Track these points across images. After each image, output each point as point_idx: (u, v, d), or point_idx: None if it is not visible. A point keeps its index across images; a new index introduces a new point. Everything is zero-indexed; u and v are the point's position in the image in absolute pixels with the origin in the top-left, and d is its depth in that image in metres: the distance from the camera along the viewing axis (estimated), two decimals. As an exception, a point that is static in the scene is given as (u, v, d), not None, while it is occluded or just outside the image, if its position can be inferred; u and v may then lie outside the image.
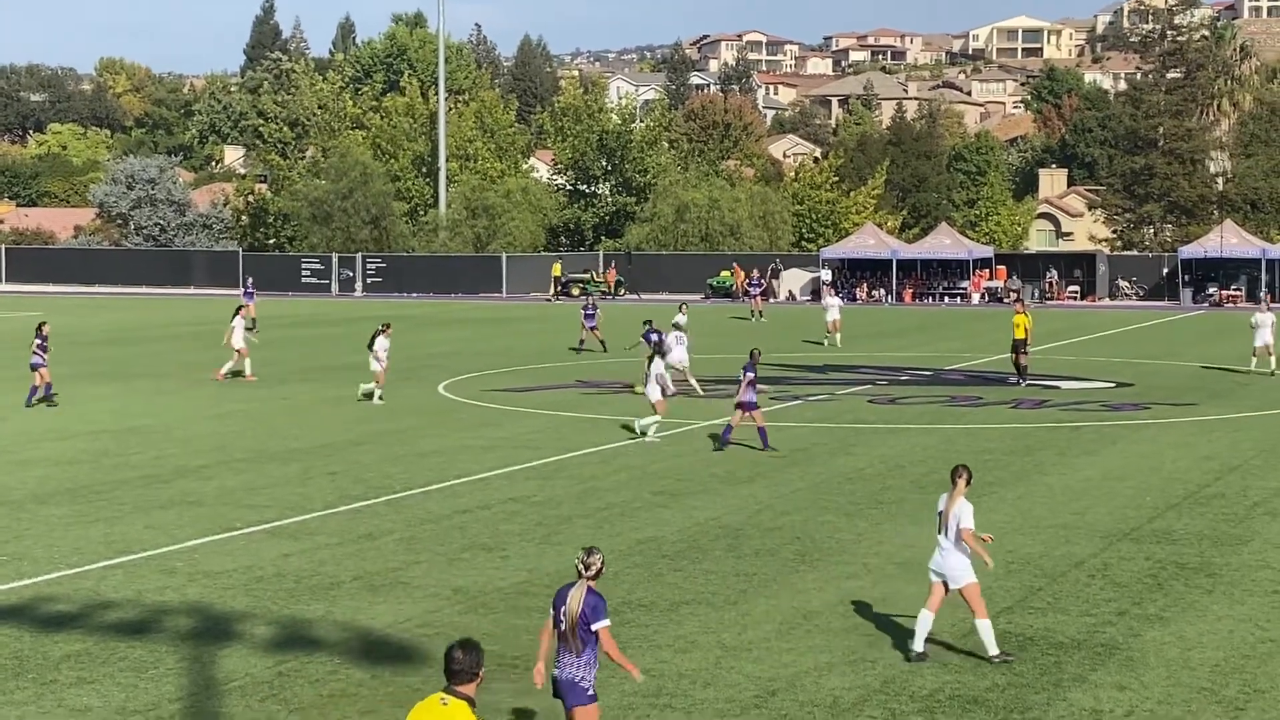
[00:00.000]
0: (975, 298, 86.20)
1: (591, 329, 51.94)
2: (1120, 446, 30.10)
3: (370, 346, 37.30)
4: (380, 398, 36.94)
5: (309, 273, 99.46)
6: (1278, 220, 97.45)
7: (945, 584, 15.35)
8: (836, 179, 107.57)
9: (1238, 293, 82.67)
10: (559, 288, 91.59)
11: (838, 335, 54.96)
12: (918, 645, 15.34)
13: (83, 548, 20.73)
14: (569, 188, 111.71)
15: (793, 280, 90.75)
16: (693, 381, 39.67)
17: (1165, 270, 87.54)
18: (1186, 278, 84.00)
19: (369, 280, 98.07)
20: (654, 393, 31.27)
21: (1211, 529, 21.89)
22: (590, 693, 11.43)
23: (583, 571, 11.47)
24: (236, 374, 42.06)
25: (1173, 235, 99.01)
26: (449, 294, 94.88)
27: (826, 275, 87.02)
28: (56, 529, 22.05)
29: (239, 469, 27.24)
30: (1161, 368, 46.10)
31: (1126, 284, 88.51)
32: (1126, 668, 15.11)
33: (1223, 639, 16.16)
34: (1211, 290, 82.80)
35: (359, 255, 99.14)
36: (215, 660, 15.34)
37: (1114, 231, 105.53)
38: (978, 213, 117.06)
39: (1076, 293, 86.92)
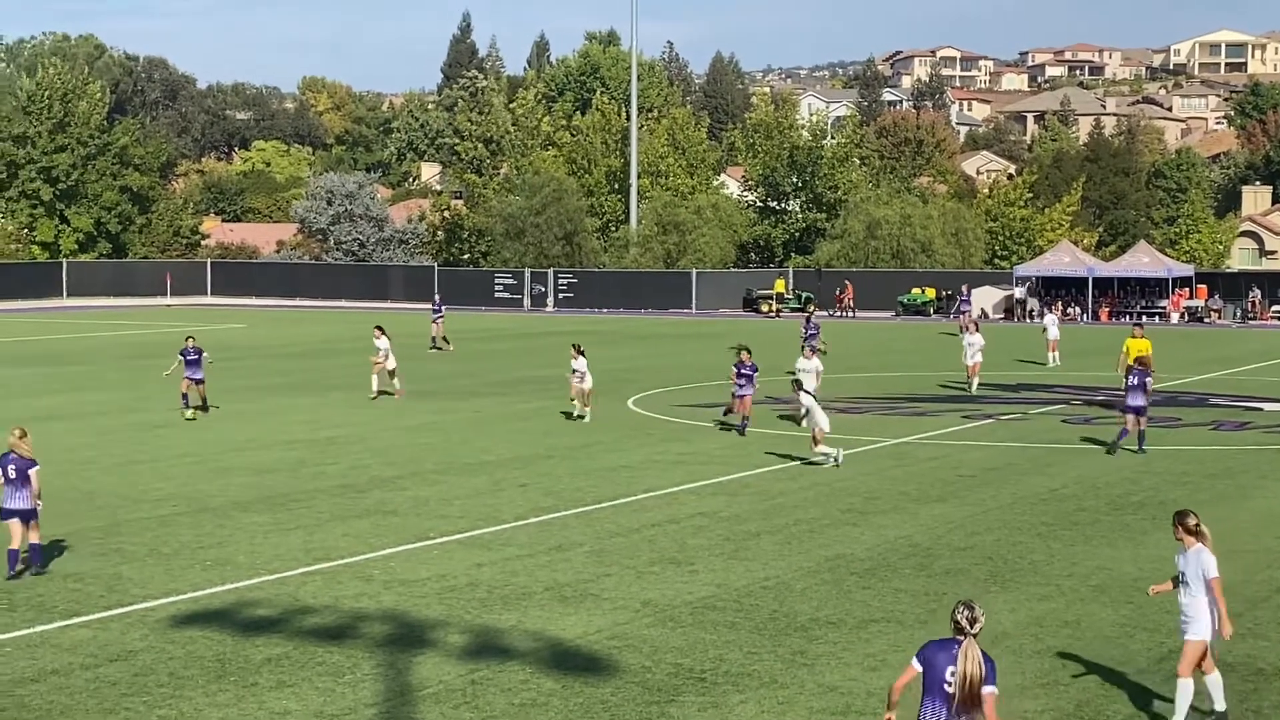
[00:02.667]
0: (1174, 317, 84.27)
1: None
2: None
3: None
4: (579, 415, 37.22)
5: (502, 287, 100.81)
6: None
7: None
8: (1031, 195, 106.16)
9: None
10: (774, 303, 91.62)
11: (1056, 354, 54.23)
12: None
13: (282, 554, 21.25)
14: (759, 204, 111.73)
15: (985, 298, 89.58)
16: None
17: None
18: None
19: (560, 295, 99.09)
20: (822, 420, 30.12)
21: None
22: None
23: (968, 628, 10.38)
24: (384, 391, 42.12)
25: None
26: (639, 309, 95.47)
27: (1020, 293, 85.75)
28: (257, 536, 22.63)
29: (431, 480, 27.70)
30: (1371, 390, 44.59)
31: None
32: (1332, 698, 14.67)
33: None
34: None
35: (550, 270, 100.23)
36: (410, 666, 15.61)
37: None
38: (1177, 230, 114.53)
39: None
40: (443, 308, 64.38)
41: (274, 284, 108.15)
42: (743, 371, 34.83)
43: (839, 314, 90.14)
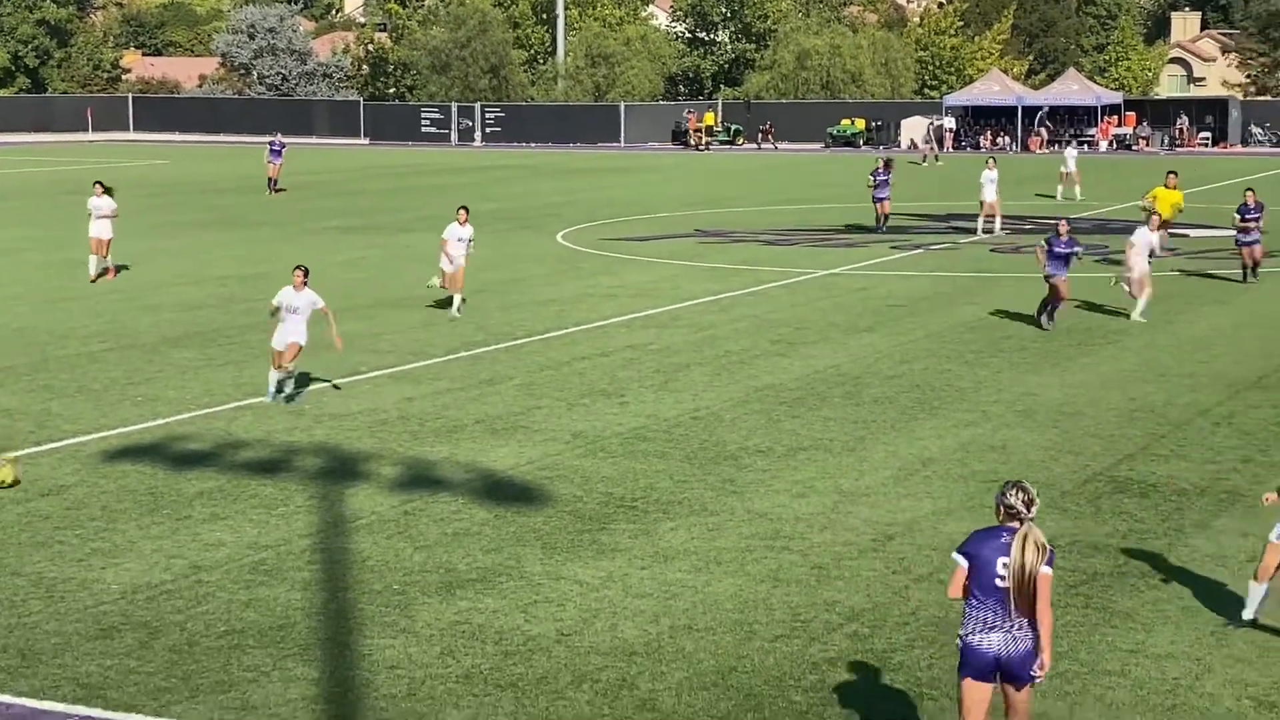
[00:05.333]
0: (1103, 145, 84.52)
1: None
2: (1249, 295, 29.59)
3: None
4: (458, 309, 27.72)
5: (429, 122, 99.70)
6: None
7: None
8: (961, 24, 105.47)
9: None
10: (701, 136, 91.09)
11: (1077, 188, 52.74)
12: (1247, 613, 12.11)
13: (213, 389, 21.17)
14: (688, 35, 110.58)
15: (914, 129, 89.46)
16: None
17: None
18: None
19: (488, 130, 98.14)
20: None
21: (1342, 378, 21.52)
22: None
23: (1024, 512, 8.80)
24: None
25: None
26: (568, 143, 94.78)
27: (950, 122, 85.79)
28: (187, 371, 22.52)
29: (362, 315, 27.57)
30: (1294, 216, 44.97)
31: (1259, 130, 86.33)
32: (1250, 515, 14.95)
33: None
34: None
35: (478, 104, 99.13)
36: (343, 499, 15.66)
37: (1248, 76, 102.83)
38: (1107, 58, 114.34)
39: (1208, 139, 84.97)
40: (284, 147, 57.03)
41: (197, 120, 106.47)
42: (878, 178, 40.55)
43: (763, 147, 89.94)
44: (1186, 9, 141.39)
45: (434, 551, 13.95)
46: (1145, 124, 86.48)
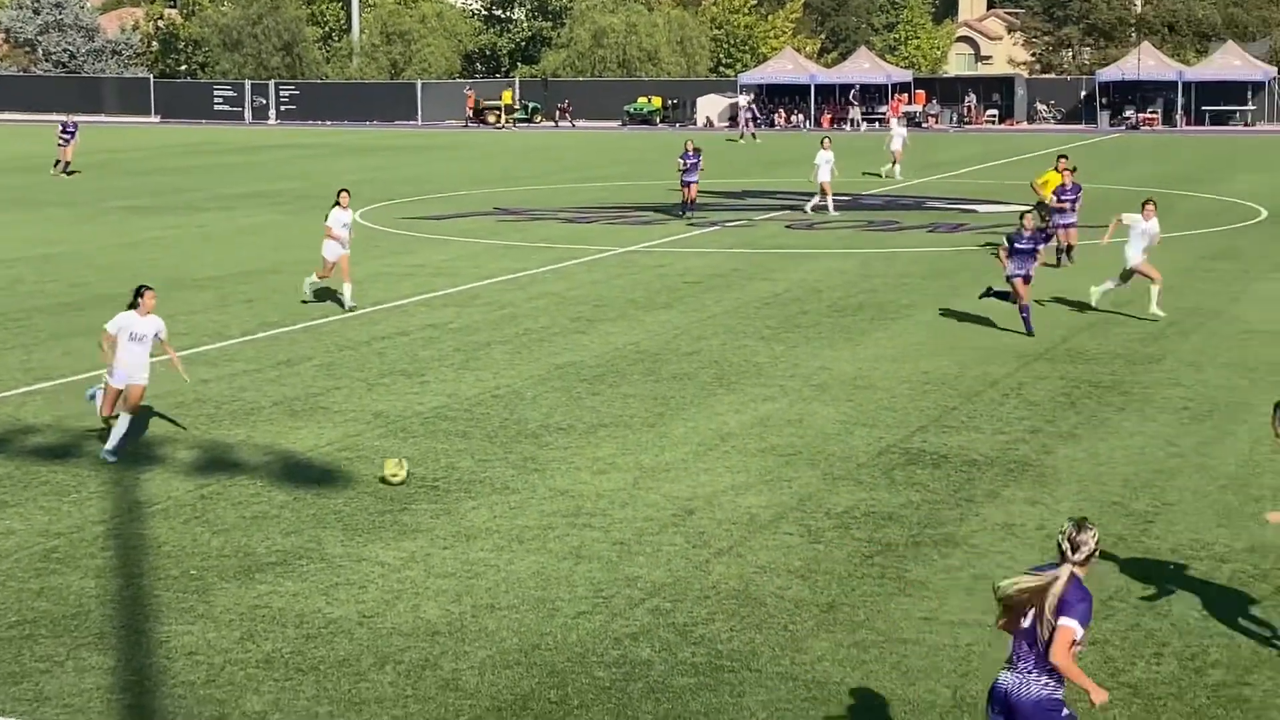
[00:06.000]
0: (894, 122, 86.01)
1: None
2: (1039, 269, 30.34)
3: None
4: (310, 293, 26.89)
5: (221, 100, 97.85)
6: (1194, 43, 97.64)
7: None
8: (755, 3, 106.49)
9: (1154, 116, 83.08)
10: (502, 114, 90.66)
11: (897, 166, 52.76)
12: None
13: (0, 374, 20.57)
14: (484, 12, 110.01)
15: (710, 107, 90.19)
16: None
17: (1083, 93, 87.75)
18: (1104, 101, 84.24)
19: (282, 108, 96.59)
20: None
21: (1125, 348, 22.22)
22: (1065, 714, 8.34)
23: (1068, 553, 8.25)
24: None
25: (1091, 58, 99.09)
26: (363, 121, 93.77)
27: (743, 101, 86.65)
28: (-31, 358, 21.82)
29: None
30: (1077, 191, 46.31)
31: (1045, 107, 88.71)
32: (1039, 483, 15.40)
33: (1133, 455, 16.49)
34: (1128, 113, 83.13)
35: (272, 82, 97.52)
36: (137, 484, 15.32)
37: (1033, 55, 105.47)
38: (897, 36, 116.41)
39: (995, 116, 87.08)
40: (75, 127, 54.63)
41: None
42: (688, 161, 39.13)
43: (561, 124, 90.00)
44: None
45: (232, 535, 13.73)
46: (935, 101, 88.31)
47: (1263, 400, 18.83)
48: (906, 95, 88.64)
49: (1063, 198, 30.42)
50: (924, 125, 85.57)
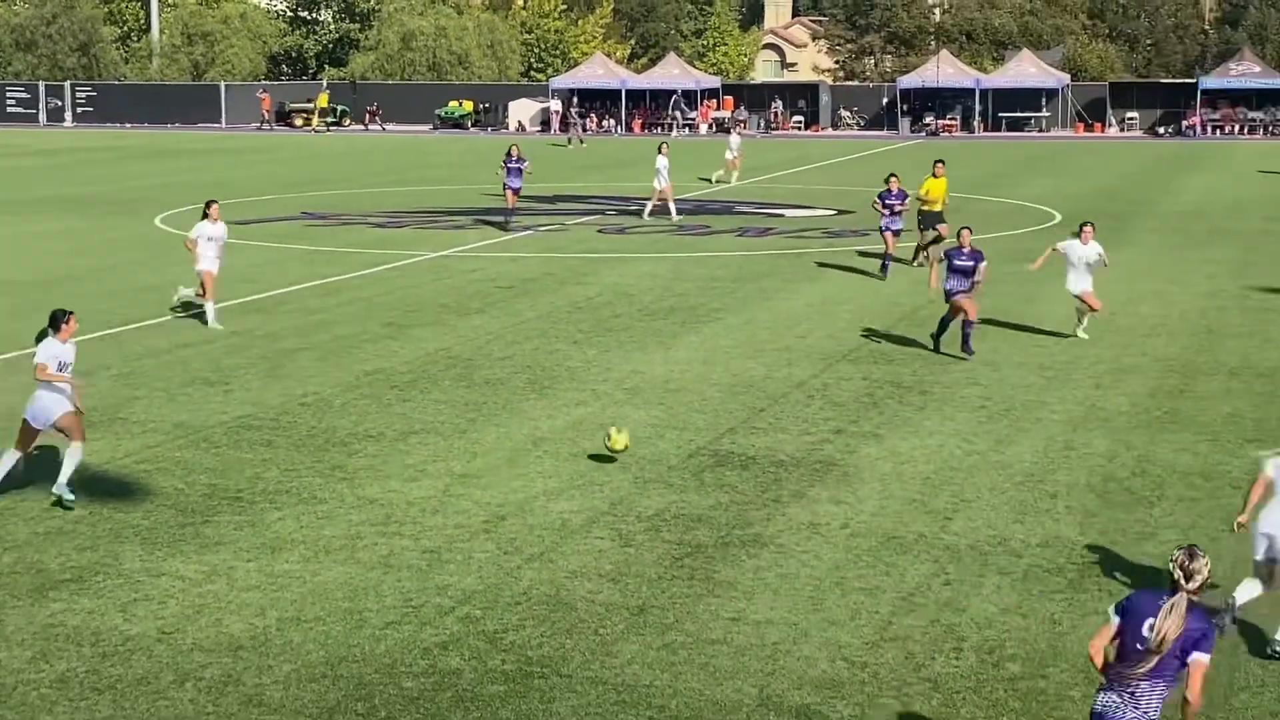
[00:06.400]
0: (703, 128, 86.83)
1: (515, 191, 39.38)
2: (841, 272, 30.82)
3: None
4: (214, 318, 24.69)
5: (15, 102, 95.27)
6: (991, 51, 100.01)
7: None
8: (565, 7, 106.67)
9: (953, 122, 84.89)
10: (315, 117, 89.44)
11: (735, 173, 52.38)
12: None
13: None
14: (290, 14, 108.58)
15: (521, 111, 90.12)
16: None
17: (885, 100, 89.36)
18: (905, 107, 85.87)
19: (79, 110, 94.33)
20: None
21: (926, 349, 22.64)
22: None
23: (1182, 581, 8.02)
24: None
25: (892, 66, 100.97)
26: (165, 124, 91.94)
27: (556, 105, 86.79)
28: None
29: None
30: (881, 195, 47.15)
31: (848, 114, 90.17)
32: (843, 483, 15.63)
33: (933, 453, 16.82)
34: (929, 119, 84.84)
35: (67, 84, 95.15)
36: (-76, 502, 14.81)
37: (836, 62, 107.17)
38: (705, 43, 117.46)
39: (801, 122, 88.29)
40: None
41: None
42: (510, 165, 38.18)
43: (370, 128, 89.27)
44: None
45: (24, 552, 13.34)
46: (742, 108, 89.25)
47: (1055, 398, 19.38)
48: (715, 101, 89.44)
49: (888, 202, 30.09)
50: (731, 131, 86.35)
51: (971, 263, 21.81)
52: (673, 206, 40.38)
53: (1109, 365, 21.37)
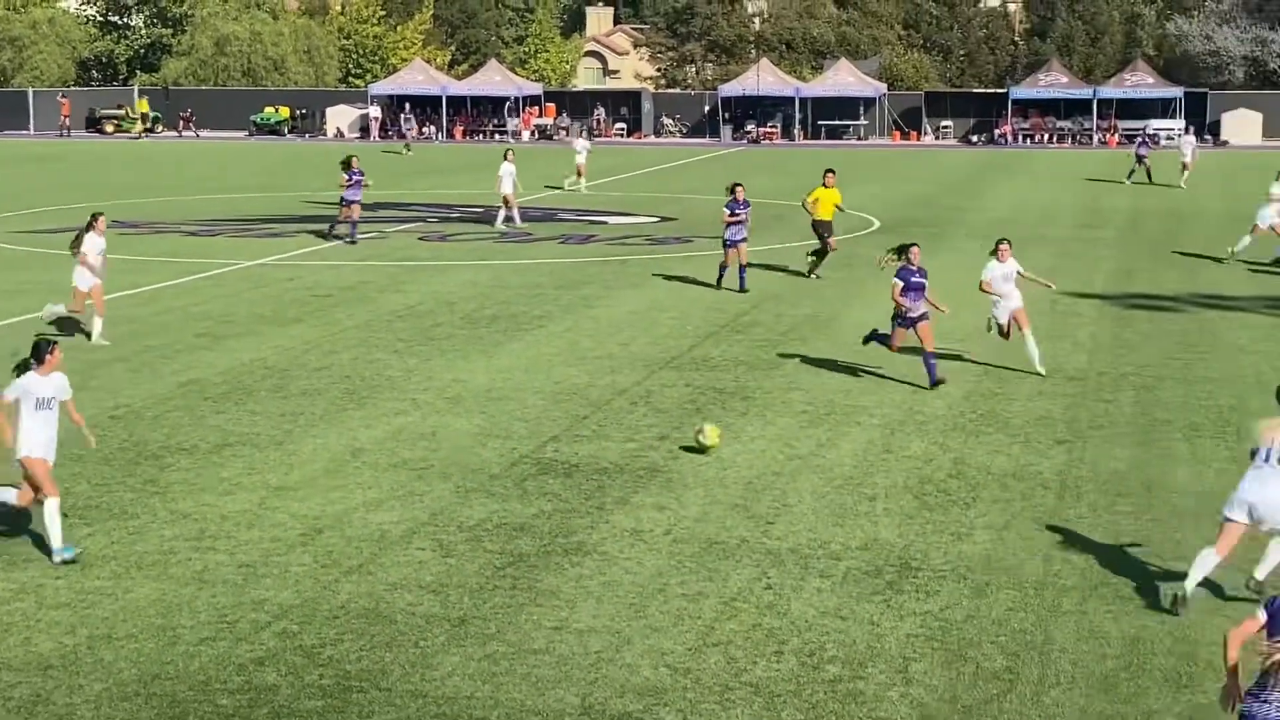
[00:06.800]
0: (525, 135, 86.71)
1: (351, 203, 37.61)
2: (664, 279, 30.94)
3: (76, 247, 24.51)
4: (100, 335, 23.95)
5: None
6: (810, 60, 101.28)
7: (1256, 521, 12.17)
8: (384, 13, 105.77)
9: (774, 130, 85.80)
10: (138, 122, 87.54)
11: (582, 180, 52.13)
12: (1190, 584, 12.15)
13: None
14: (100, 19, 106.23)
15: (340, 118, 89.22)
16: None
17: (707, 108, 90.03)
18: (726, 115, 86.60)
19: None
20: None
21: (748, 355, 22.83)
22: None
23: None
24: None
25: (714, 74, 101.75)
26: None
27: (376, 111, 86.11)
28: None
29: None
30: (703, 202, 47.49)
31: (670, 121, 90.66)
32: (666, 489, 15.67)
33: (755, 458, 16.93)
34: (750, 127, 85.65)
35: None
36: None
37: (658, 70, 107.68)
38: (527, 49, 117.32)
39: (624, 129, 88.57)
40: None
41: None
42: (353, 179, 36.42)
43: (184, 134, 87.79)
44: (600, 4, 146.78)
45: None
46: (565, 115, 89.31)
47: (874, 402, 19.63)
48: (537, 108, 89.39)
49: (736, 212, 28.81)
50: (554, 137, 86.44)
51: (923, 279, 20.60)
52: (517, 214, 40.07)
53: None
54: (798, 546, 13.84)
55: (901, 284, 20.60)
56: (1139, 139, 59.04)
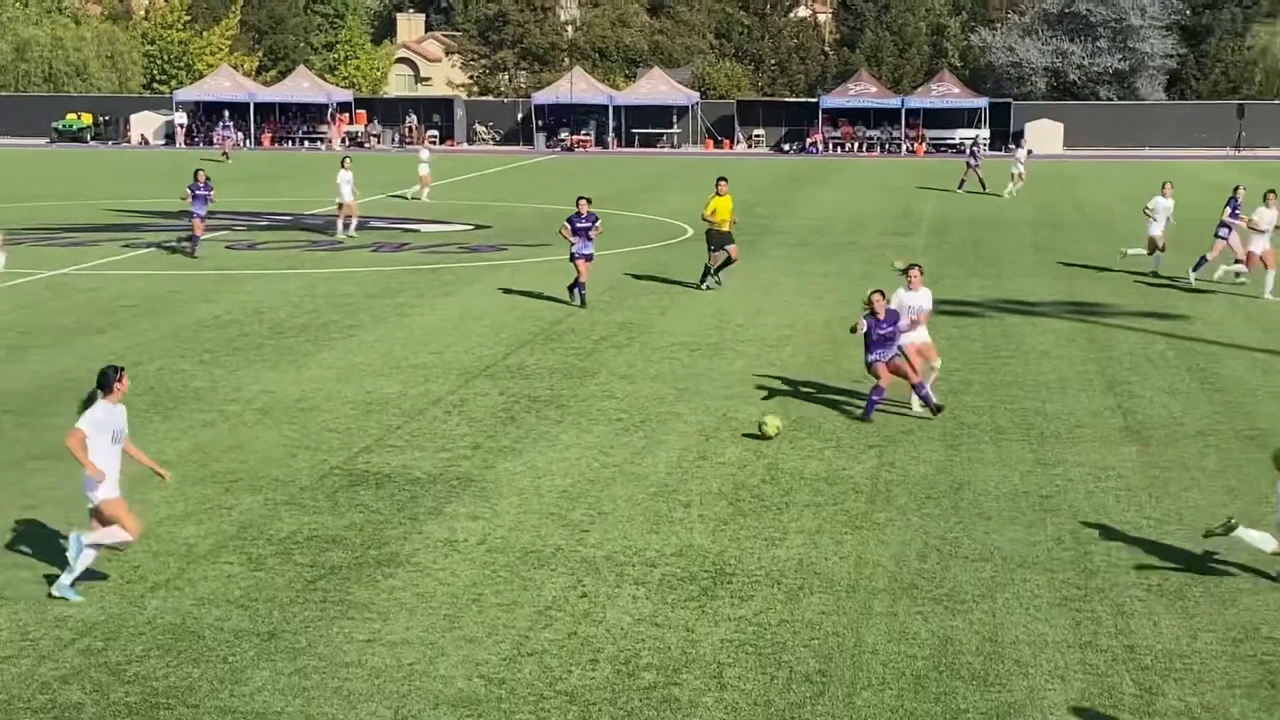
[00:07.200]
0: (336, 142, 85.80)
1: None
2: (478, 287, 30.80)
3: None
4: None
5: None
6: (624, 68, 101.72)
7: None
8: (189, 19, 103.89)
9: (587, 138, 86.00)
10: None
11: (426, 190, 51.34)
12: (1245, 531, 13.28)
13: None
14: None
15: (144, 124, 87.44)
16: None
17: (520, 115, 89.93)
18: (540, 123, 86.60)
19: None
20: None
21: (562, 363, 22.81)
22: None
23: None
24: None
25: (527, 82, 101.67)
26: None
27: (182, 118, 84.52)
28: None
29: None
30: (517, 210, 47.44)
31: (484, 129, 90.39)
32: (481, 498, 15.57)
33: (570, 466, 16.91)
34: (564, 135, 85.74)
35: None
36: None
37: (471, 77, 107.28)
38: (336, 56, 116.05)
39: (436, 137, 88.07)
40: None
41: None
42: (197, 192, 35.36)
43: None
44: (411, 10, 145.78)
45: None
46: (376, 122, 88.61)
47: (689, 409, 19.74)
48: (348, 115, 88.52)
49: (578, 226, 27.90)
50: (366, 145, 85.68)
51: (891, 328, 18.95)
52: (353, 223, 39.81)
53: (740, 376, 21.90)
54: (613, 554, 13.84)
55: (865, 335, 18.99)
56: (969, 148, 59.99)
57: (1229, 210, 31.36)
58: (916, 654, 11.54)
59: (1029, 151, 59.24)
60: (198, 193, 35.68)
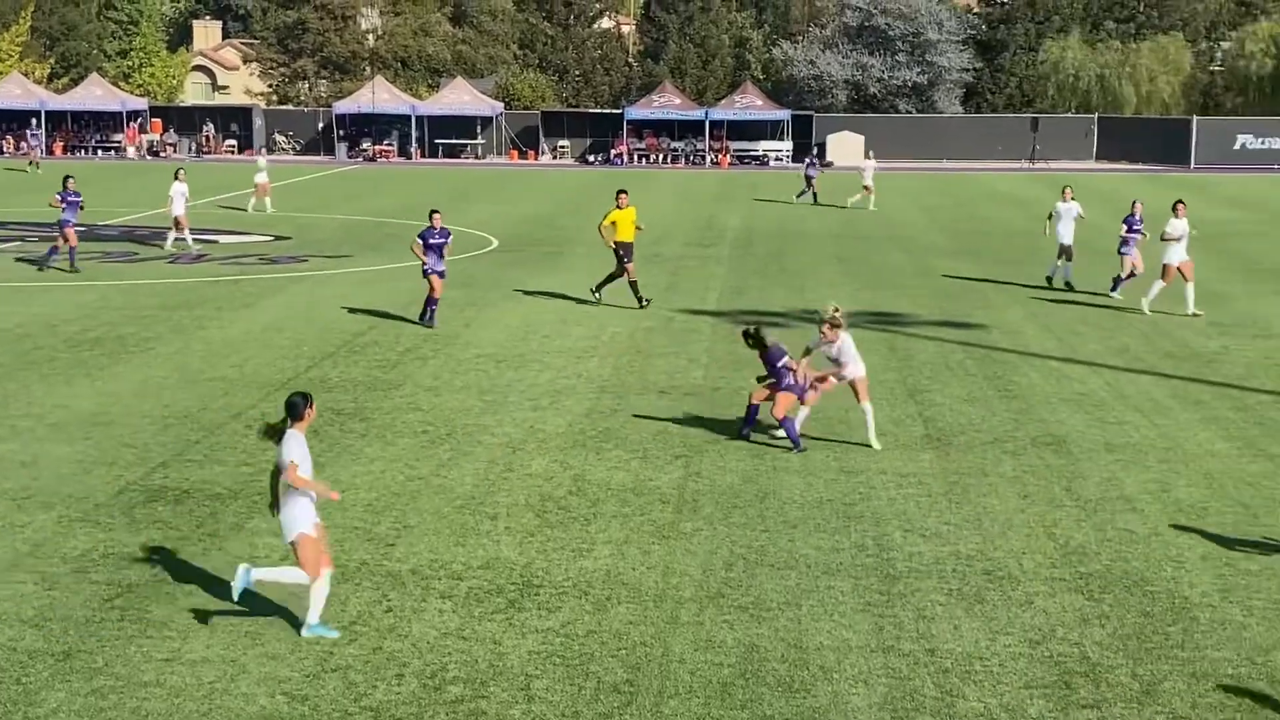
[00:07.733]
0: (131, 151, 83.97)
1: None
2: (279, 299, 30.34)
3: None
4: None
5: None
6: (426, 78, 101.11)
7: None
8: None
9: (390, 148, 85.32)
10: None
11: (268, 199, 50.24)
12: None
13: None
14: None
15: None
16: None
17: (321, 125, 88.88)
18: (341, 133, 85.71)
19: None
20: None
21: (366, 375, 22.56)
22: None
23: None
24: None
25: (327, 91, 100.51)
26: None
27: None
28: None
29: None
30: (318, 221, 46.86)
31: (284, 138, 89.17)
32: (283, 514, 15.30)
33: (375, 479, 16.73)
34: (366, 145, 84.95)
35: None
36: None
37: (270, 86, 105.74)
38: (130, 64, 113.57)
39: (234, 146, 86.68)
40: None
41: None
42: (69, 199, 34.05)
43: None
44: (208, 18, 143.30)
45: None
46: (173, 130, 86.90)
47: (495, 421, 19.67)
48: (142, 123, 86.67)
49: (431, 241, 27.07)
50: (162, 154, 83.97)
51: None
52: (188, 235, 38.76)
53: (546, 387, 21.87)
54: (419, 568, 13.72)
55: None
56: (809, 161, 60.40)
57: (1126, 226, 31.03)
58: (723, 662, 11.61)
59: (874, 166, 58.62)
60: (69, 199, 34.23)
